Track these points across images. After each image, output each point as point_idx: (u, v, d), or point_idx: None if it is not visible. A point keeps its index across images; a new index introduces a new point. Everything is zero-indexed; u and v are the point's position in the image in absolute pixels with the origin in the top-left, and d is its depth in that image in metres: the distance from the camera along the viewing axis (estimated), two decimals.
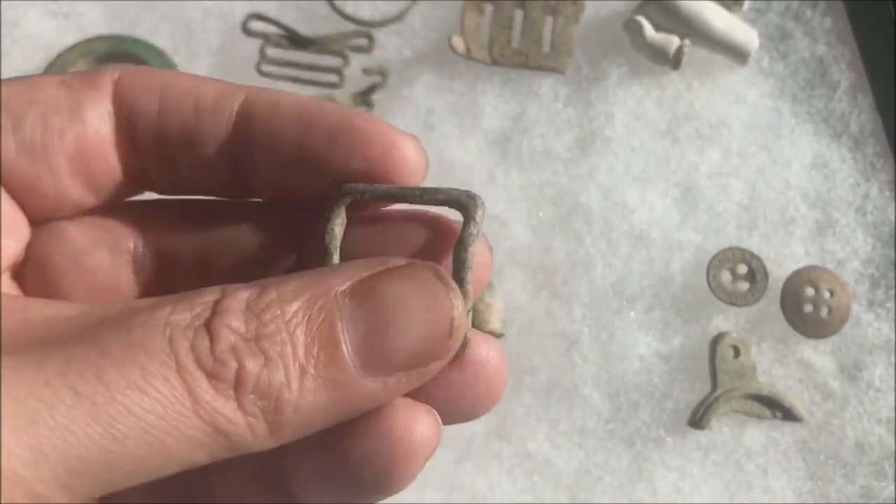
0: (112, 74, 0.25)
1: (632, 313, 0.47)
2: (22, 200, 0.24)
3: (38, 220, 0.25)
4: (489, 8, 0.49)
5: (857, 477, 0.46)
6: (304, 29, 0.50)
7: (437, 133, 0.49)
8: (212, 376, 0.20)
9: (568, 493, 0.46)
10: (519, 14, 0.49)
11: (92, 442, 0.19)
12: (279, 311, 0.20)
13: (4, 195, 0.24)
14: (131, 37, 0.50)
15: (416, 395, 0.22)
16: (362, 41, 0.50)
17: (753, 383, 0.46)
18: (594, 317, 0.47)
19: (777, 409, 0.46)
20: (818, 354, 0.47)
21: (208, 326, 0.20)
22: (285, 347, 0.20)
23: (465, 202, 0.23)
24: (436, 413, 0.23)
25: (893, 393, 0.46)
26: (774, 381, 0.47)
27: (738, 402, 0.46)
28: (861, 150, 0.49)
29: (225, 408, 0.20)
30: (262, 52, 0.49)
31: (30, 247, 0.25)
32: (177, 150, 0.25)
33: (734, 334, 0.46)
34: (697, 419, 0.46)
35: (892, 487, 0.45)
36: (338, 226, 0.23)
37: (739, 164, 0.49)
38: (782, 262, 0.48)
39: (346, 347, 0.20)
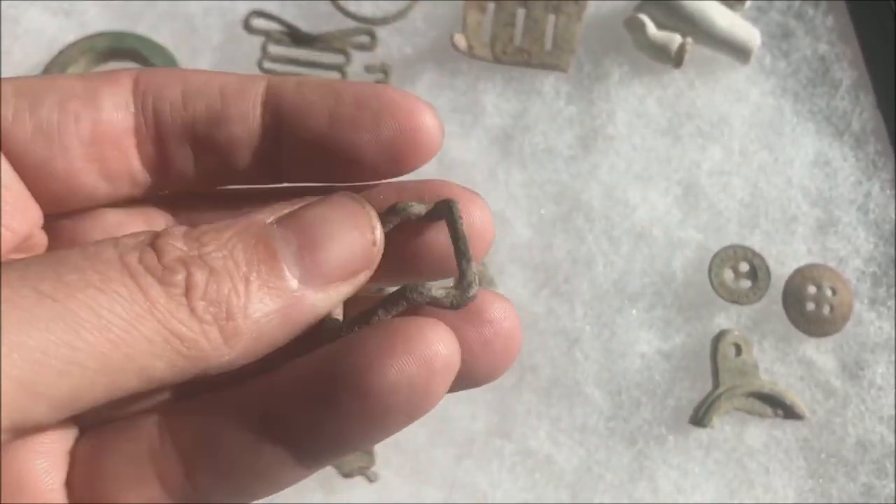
0: (131, 72, 0.26)
1: (633, 311, 0.47)
2: (34, 183, 0.25)
3: (52, 207, 0.26)
4: (491, 5, 0.49)
5: (859, 475, 0.46)
6: (305, 26, 0.50)
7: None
8: (163, 282, 0.21)
9: (569, 491, 0.46)
10: (521, 12, 0.49)
11: (55, 336, 0.20)
12: (214, 236, 0.22)
13: (13, 175, 0.25)
14: (133, 33, 0.50)
15: None
16: (364, 39, 0.50)
17: (755, 381, 0.46)
18: (595, 315, 0.47)
19: (779, 407, 0.46)
20: (820, 353, 0.47)
21: (153, 245, 0.22)
22: (227, 261, 0.22)
23: (445, 210, 0.25)
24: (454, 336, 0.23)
25: (895, 391, 0.46)
26: (776, 379, 0.47)
27: (740, 401, 0.46)
28: (863, 148, 0.49)
29: (178, 311, 0.21)
30: (263, 49, 0.49)
31: (61, 230, 0.26)
32: (204, 134, 0.25)
33: (736, 332, 0.46)
34: (699, 417, 0.46)
35: (893, 486, 0.45)
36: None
37: (741, 162, 0.49)
38: (784, 261, 0.48)
39: (283, 258, 0.22)
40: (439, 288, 0.24)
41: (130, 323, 0.20)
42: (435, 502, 0.46)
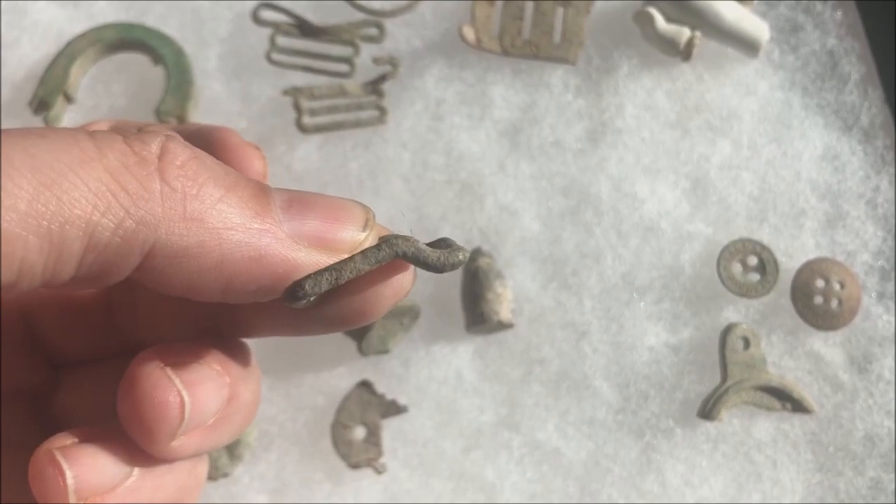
0: None
1: (641, 304, 0.47)
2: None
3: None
4: None
5: (867, 469, 0.46)
6: (314, 18, 0.50)
7: (446, 123, 0.49)
8: (128, 141, 0.20)
9: (577, 483, 0.46)
10: (530, 4, 0.49)
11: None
12: (213, 159, 0.22)
13: None
14: (141, 25, 0.50)
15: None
16: (373, 31, 0.50)
17: (763, 375, 0.46)
18: (604, 308, 0.47)
19: (787, 400, 0.46)
20: (828, 346, 0.47)
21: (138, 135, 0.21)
22: (216, 165, 0.22)
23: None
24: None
25: None
26: (784, 372, 0.47)
27: (748, 394, 0.46)
28: (871, 142, 0.49)
29: (137, 166, 0.20)
30: (272, 41, 0.49)
31: None
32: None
33: (744, 326, 0.46)
34: (707, 410, 0.46)
35: None
36: None
37: (750, 156, 0.49)
38: (792, 254, 0.48)
39: (272, 196, 0.23)
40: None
41: (70, 167, 0.19)
42: (443, 494, 0.46)
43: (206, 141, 0.26)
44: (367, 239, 0.23)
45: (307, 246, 0.22)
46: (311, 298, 0.22)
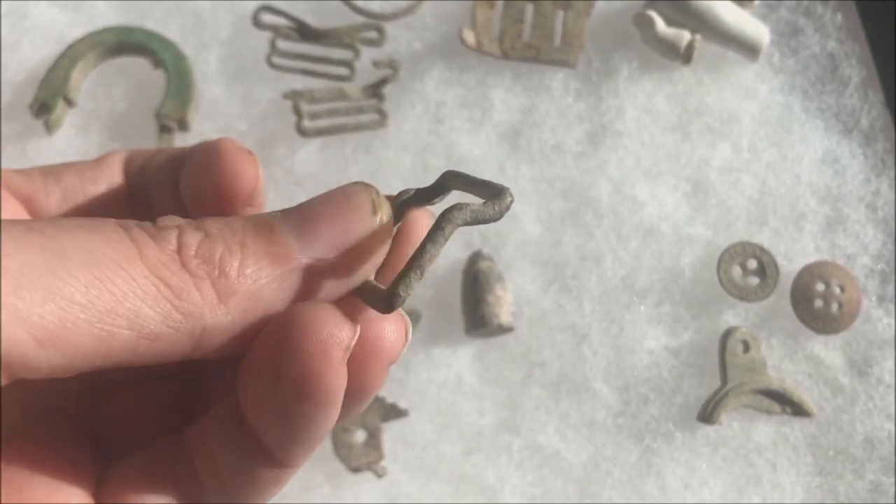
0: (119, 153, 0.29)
1: (641, 307, 0.47)
2: None
3: None
4: (500, 2, 0.49)
5: (867, 472, 0.46)
6: (314, 21, 0.50)
7: (447, 126, 0.49)
8: (154, 238, 0.21)
9: (577, 486, 0.46)
10: (530, 8, 0.49)
11: (39, 263, 0.19)
12: (217, 219, 0.23)
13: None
14: (141, 28, 0.50)
15: None
16: (373, 34, 0.50)
17: (763, 378, 0.46)
18: (604, 311, 0.47)
19: (786, 404, 0.46)
20: (828, 350, 0.47)
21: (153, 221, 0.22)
22: (224, 231, 0.22)
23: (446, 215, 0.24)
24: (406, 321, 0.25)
25: None
26: (784, 376, 0.47)
27: (748, 397, 0.46)
28: (871, 146, 0.49)
29: (169, 262, 0.21)
30: (272, 44, 0.49)
31: None
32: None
33: (744, 329, 0.46)
34: (707, 414, 0.46)
35: None
36: None
37: (750, 159, 0.49)
38: (792, 258, 0.48)
39: (280, 231, 0.22)
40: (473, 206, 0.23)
41: (118, 263, 0.20)
42: (443, 497, 0.46)
43: (199, 152, 0.27)
44: (381, 219, 0.23)
45: (330, 258, 0.23)
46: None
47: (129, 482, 0.24)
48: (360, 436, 0.46)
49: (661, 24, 0.48)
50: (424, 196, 0.25)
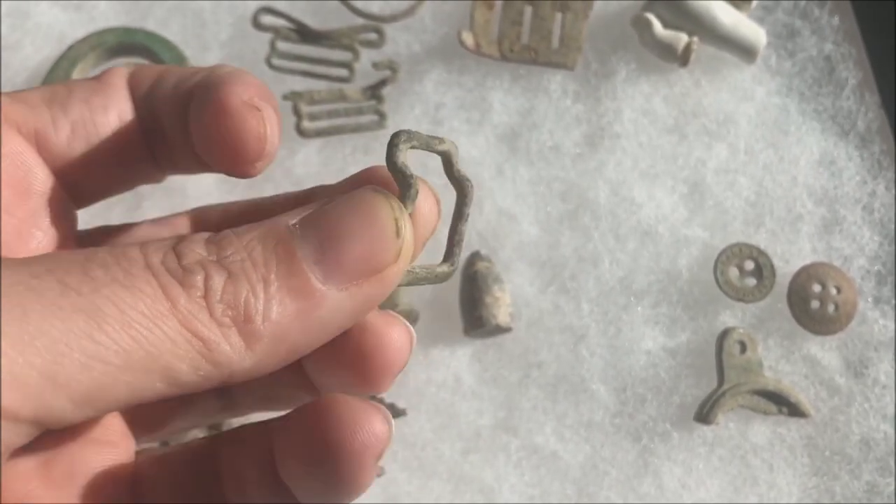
0: (121, 70, 0.28)
1: (639, 308, 0.48)
2: (74, 179, 0.27)
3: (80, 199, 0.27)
4: (499, 3, 0.50)
5: (863, 473, 0.46)
6: (314, 23, 0.50)
7: (445, 128, 0.50)
8: (183, 283, 0.21)
9: (574, 486, 0.46)
10: (528, 10, 0.50)
11: (77, 328, 0.20)
12: (234, 239, 0.22)
13: (49, 180, 0.26)
14: (142, 29, 0.50)
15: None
16: (372, 36, 0.50)
17: (760, 379, 0.46)
18: (601, 312, 0.48)
19: (783, 404, 0.46)
20: (824, 351, 0.47)
21: (174, 248, 0.22)
22: (245, 263, 0.22)
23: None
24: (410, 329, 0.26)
25: None
26: (781, 376, 0.47)
27: (745, 398, 0.46)
28: (868, 147, 0.49)
29: (199, 313, 0.21)
30: (272, 45, 0.49)
31: (95, 243, 0.27)
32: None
33: (741, 330, 0.46)
34: (704, 414, 0.46)
35: None
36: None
37: (747, 160, 0.49)
38: (789, 259, 0.48)
39: (302, 257, 0.22)
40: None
41: (153, 321, 0.20)
42: (441, 496, 0.46)
43: (205, 103, 0.26)
44: (404, 241, 0.23)
45: (349, 288, 0.23)
46: None
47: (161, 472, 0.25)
48: None
49: (658, 27, 0.49)
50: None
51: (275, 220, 0.23)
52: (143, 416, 0.27)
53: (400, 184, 0.24)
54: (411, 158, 0.25)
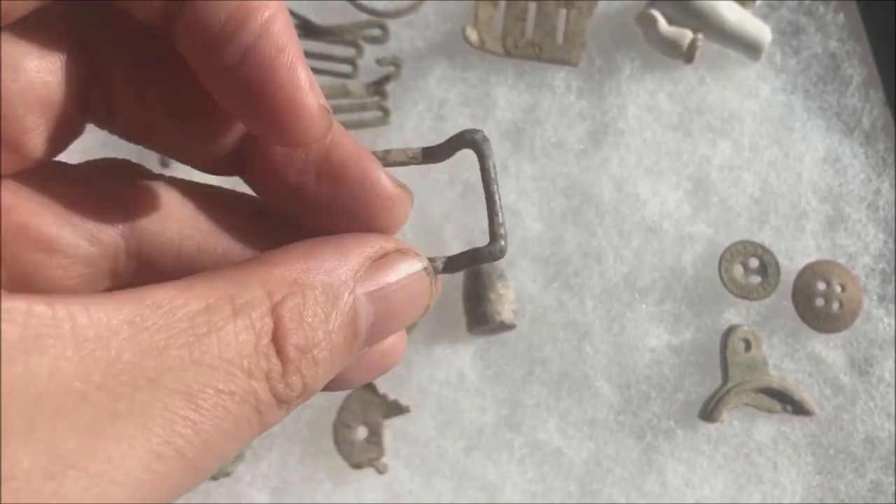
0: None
1: (643, 305, 0.47)
2: None
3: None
4: (503, 0, 0.49)
5: (867, 471, 0.46)
6: (317, 19, 0.50)
7: (449, 124, 0.49)
8: (281, 400, 0.22)
9: (578, 483, 0.46)
10: (532, 6, 0.49)
11: (183, 490, 0.20)
12: (323, 320, 0.23)
13: None
14: None
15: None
16: (376, 32, 0.50)
17: (764, 377, 0.46)
18: (605, 308, 0.47)
19: (787, 402, 0.46)
20: (829, 349, 0.47)
21: (278, 348, 0.22)
22: (328, 353, 0.23)
23: (472, 139, 0.26)
24: None
25: None
26: (785, 374, 0.47)
27: (749, 396, 0.46)
28: (873, 145, 0.49)
29: (279, 417, 0.22)
30: None
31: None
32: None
33: (745, 328, 0.46)
34: (708, 412, 0.46)
35: None
36: None
37: (751, 157, 0.49)
38: (794, 257, 0.48)
39: (360, 336, 0.23)
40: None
41: (242, 441, 0.21)
42: (444, 494, 0.46)
43: (340, 178, 0.25)
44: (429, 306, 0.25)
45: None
46: None
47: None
48: (361, 432, 0.46)
49: (663, 23, 0.49)
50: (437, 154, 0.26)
51: (340, 282, 0.23)
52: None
53: None
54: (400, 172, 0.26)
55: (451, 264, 0.26)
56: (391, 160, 0.26)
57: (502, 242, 0.25)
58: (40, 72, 0.23)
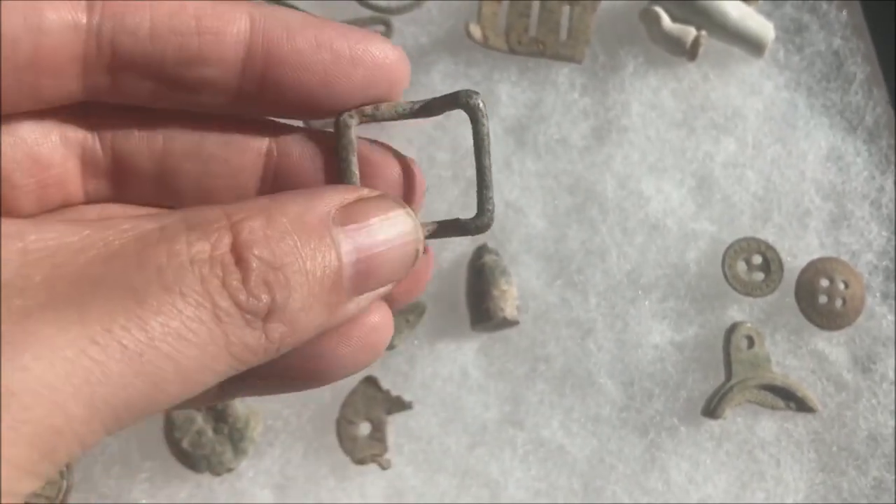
0: None
1: (646, 302, 0.47)
2: None
3: None
4: None
5: (870, 469, 0.46)
6: (321, 14, 0.50)
7: (452, 120, 0.49)
8: (245, 310, 0.21)
9: (581, 480, 0.46)
10: (536, 2, 0.49)
11: (138, 392, 0.20)
12: (293, 241, 0.22)
13: None
14: None
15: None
16: (379, 28, 0.50)
17: (767, 374, 0.46)
18: (609, 305, 0.47)
19: (790, 400, 0.46)
20: (832, 346, 0.47)
21: (237, 256, 0.21)
22: (302, 277, 0.21)
23: (466, 101, 0.25)
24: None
25: None
26: (788, 371, 0.47)
27: (752, 393, 0.46)
28: (876, 143, 0.49)
29: (251, 338, 0.21)
30: None
31: None
32: (172, 73, 0.23)
33: (748, 325, 0.46)
34: (711, 409, 0.46)
35: None
36: (350, 150, 0.25)
37: (755, 155, 0.49)
38: (797, 254, 0.48)
39: (344, 283, 0.22)
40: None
41: (207, 365, 0.21)
42: (447, 490, 0.46)
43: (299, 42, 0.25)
44: (418, 263, 0.24)
45: (364, 299, 0.23)
46: None
47: None
48: (364, 428, 0.46)
49: (666, 21, 0.49)
50: (436, 107, 0.25)
51: (316, 208, 0.22)
52: None
53: None
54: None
55: (435, 231, 0.25)
56: (380, 115, 0.25)
57: (489, 216, 0.25)
58: (34, 132, 0.24)
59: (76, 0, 0.22)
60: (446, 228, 0.25)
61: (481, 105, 0.25)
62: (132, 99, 0.24)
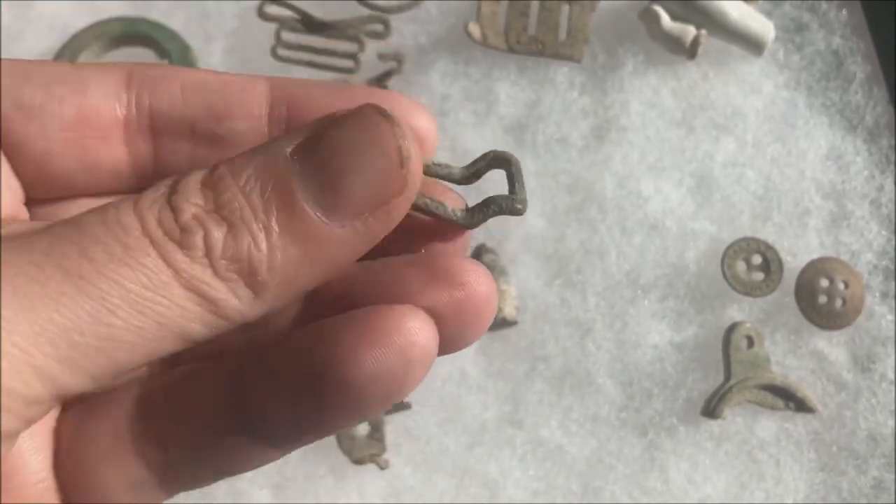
0: (124, 65, 0.26)
1: (646, 302, 0.47)
2: (12, 162, 0.25)
3: (28, 190, 0.25)
4: None
5: (870, 469, 0.46)
6: (319, 13, 0.50)
7: (451, 119, 0.49)
8: (182, 245, 0.21)
9: (580, 480, 0.46)
10: (535, 1, 0.49)
11: (86, 314, 0.20)
12: (231, 181, 0.21)
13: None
14: (146, 19, 0.50)
15: None
16: (378, 26, 0.50)
17: (767, 374, 0.46)
18: (608, 305, 0.47)
19: (790, 399, 0.46)
20: (832, 346, 0.47)
21: (170, 202, 0.21)
22: (244, 211, 0.21)
23: (506, 160, 0.26)
24: (429, 318, 0.23)
25: None
26: (788, 371, 0.47)
27: (752, 393, 0.46)
28: (876, 142, 0.49)
29: (203, 274, 0.21)
30: (277, 36, 0.49)
31: (39, 216, 0.26)
32: (205, 130, 0.25)
33: (748, 324, 0.46)
34: (710, 409, 0.46)
35: None
36: None
37: (754, 154, 0.49)
38: (797, 253, 0.48)
39: (302, 198, 0.21)
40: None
41: (159, 293, 0.20)
42: (446, 490, 0.46)
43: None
44: (410, 169, 0.22)
45: (353, 223, 0.22)
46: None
47: (84, 445, 0.24)
48: (363, 428, 0.45)
49: (666, 19, 0.48)
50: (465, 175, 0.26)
51: (271, 150, 0.22)
52: None
53: None
54: None
55: (473, 218, 0.25)
56: (432, 172, 0.25)
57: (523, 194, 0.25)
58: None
59: (116, 76, 0.25)
60: (484, 211, 0.25)
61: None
62: (173, 163, 0.25)
